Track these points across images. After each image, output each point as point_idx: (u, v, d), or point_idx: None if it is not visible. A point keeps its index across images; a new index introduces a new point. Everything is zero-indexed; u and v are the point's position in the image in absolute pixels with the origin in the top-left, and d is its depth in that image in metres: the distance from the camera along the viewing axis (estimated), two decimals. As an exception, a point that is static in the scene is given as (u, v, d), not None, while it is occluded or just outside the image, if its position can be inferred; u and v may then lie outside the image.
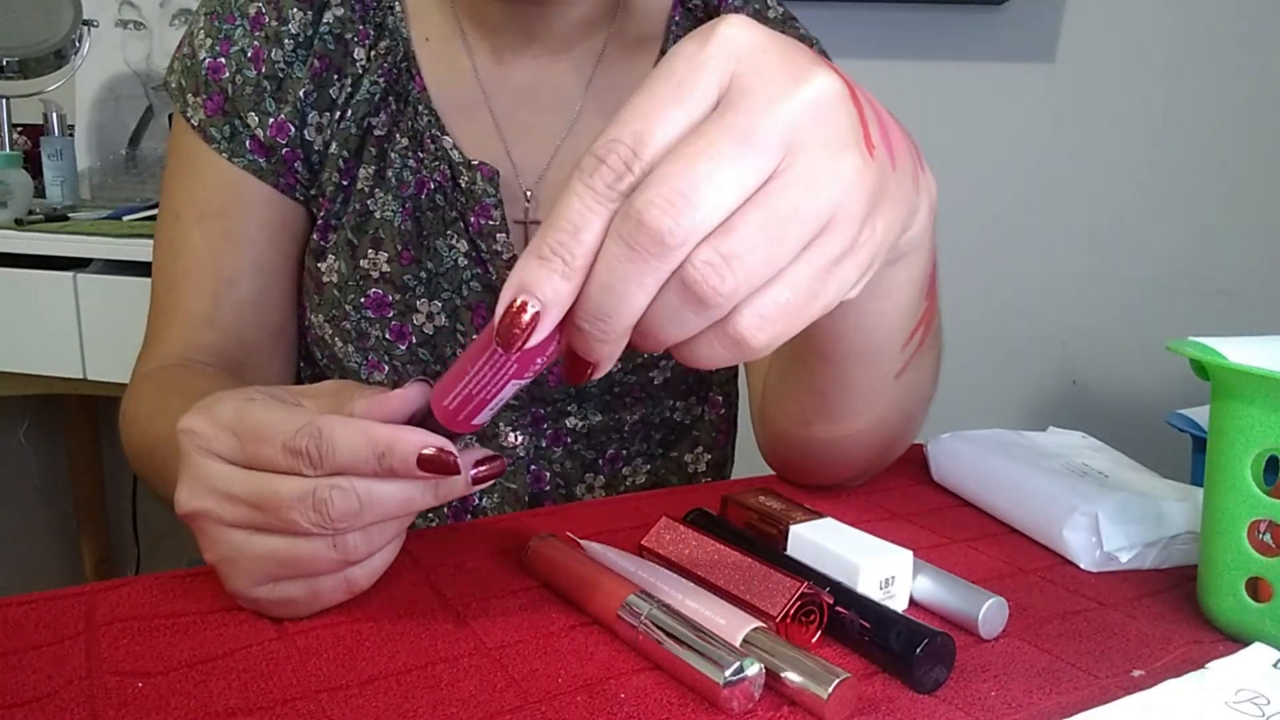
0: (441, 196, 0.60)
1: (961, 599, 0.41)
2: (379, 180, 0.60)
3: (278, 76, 0.59)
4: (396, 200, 0.60)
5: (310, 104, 0.59)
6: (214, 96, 0.59)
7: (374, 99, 0.60)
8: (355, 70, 0.60)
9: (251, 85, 0.58)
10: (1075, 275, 1.61)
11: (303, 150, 0.60)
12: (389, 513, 0.35)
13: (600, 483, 0.66)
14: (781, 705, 0.34)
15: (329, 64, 0.59)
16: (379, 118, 0.60)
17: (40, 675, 0.35)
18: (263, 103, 0.58)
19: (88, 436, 1.76)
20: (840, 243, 0.28)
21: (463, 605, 0.41)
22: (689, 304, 0.27)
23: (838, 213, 0.28)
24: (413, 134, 0.60)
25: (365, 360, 0.62)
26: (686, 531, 0.44)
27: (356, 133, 0.60)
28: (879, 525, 0.52)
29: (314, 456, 0.34)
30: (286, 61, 0.59)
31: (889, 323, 0.42)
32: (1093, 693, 0.36)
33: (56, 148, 1.41)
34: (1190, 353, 0.41)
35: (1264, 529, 0.40)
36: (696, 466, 0.70)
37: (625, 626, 0.37)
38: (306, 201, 0.62)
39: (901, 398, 0.48)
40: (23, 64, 1.43)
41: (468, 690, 0.35)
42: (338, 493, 0.34)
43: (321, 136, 0.60)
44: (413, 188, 0.60)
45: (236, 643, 0.37)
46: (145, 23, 1.52)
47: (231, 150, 0.59)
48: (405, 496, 0.35)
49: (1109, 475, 0.54)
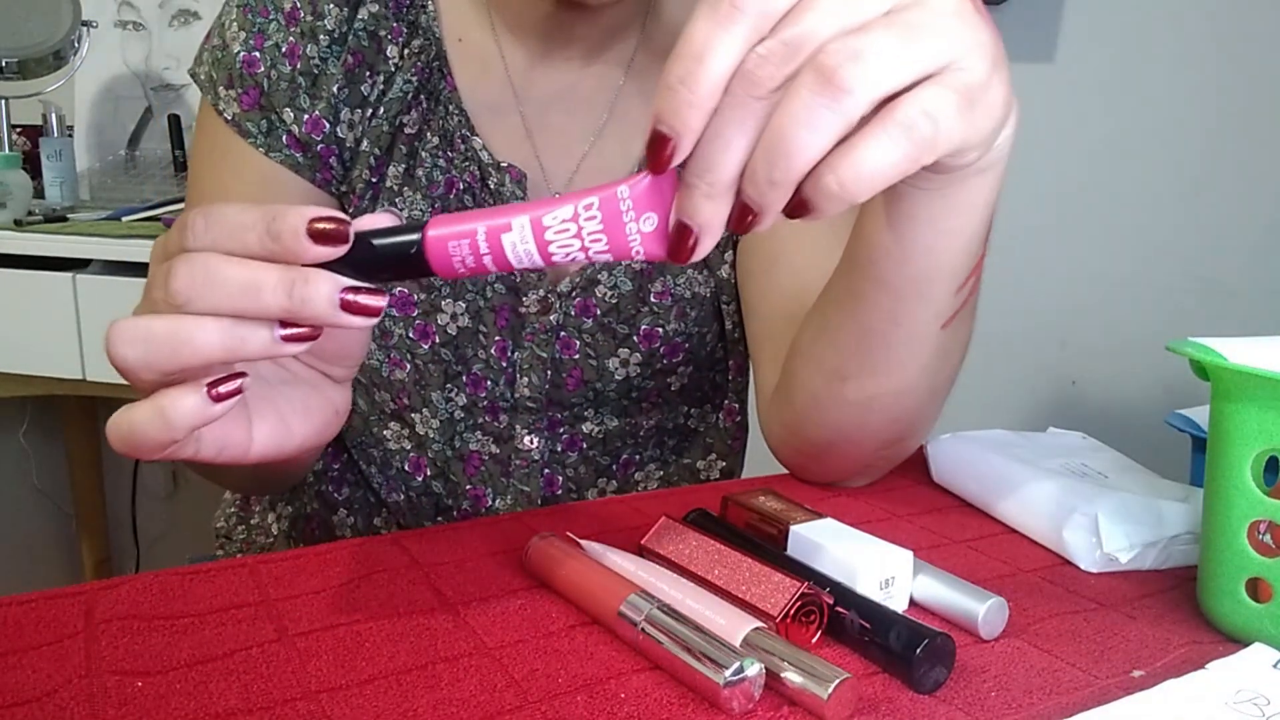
0: (470, 197, 0.60)
1: (961, 599, 0.41)
2: (408, 179, 0.60)
3: (313, 73, 0.58)
4: (425, 200, 0.60)
5: (343, 101, 0.59)
6: (250, 91, 0.58)
7: (406, 97, 0.60)
8: (388, 68, 0.60)
9: (287, 80, 0.58)
10: (1075, 275, 1.61)
11: (336, 146, 0.59)
12: (230, 293, 0.31)
13: (613, 488, 0.66)
14: (781, 705, 0.34)
15: (362, 60, 0.59)
16: (410, 116, 0.60)
17: (39, 674, 0.35)
18: (298, 98, 0.58)
19: (87, 437, 1.76)
20: (967, 77, 0.30)
21: (463, 605, 0.41)
22: (823, 94, 0.28)
23: (964, 53, 0.30)
24: (443, 133, 0.60)
25: (387, 358, 0.61)
26: (686, 531, 0.44)
27: (388, 130, 0.60)
28: (879, 525, 0.52)
29: (198, 228, 0.31)
30: (321, 58, 0.58)
31: (956, 248, 0.42)
32: (1092, 693, 0.36)
33: (55, 148, 1.41)
34: (1190, 353, 0.41)
35: (1264, 529, 0.40)
36: (709, 474, 0.70)
37: (625, 626, 0.37)
38: (339, 198, 0.61)
39: (937, 358, 0.48)
40: (22, 65, 1.43)
41: (468, 690, 0.35)
42: (182, 260, 0.31)
43: (353, 134, 0.59)
44: (442, 188, 0.60)
45: (236, 643, 0.37)
46: (144, 23, 1.52)
47: (269, 145, 0.58)
48: (252, 278, 0.31)
49: (1109, 476, 0.54)
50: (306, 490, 0.68)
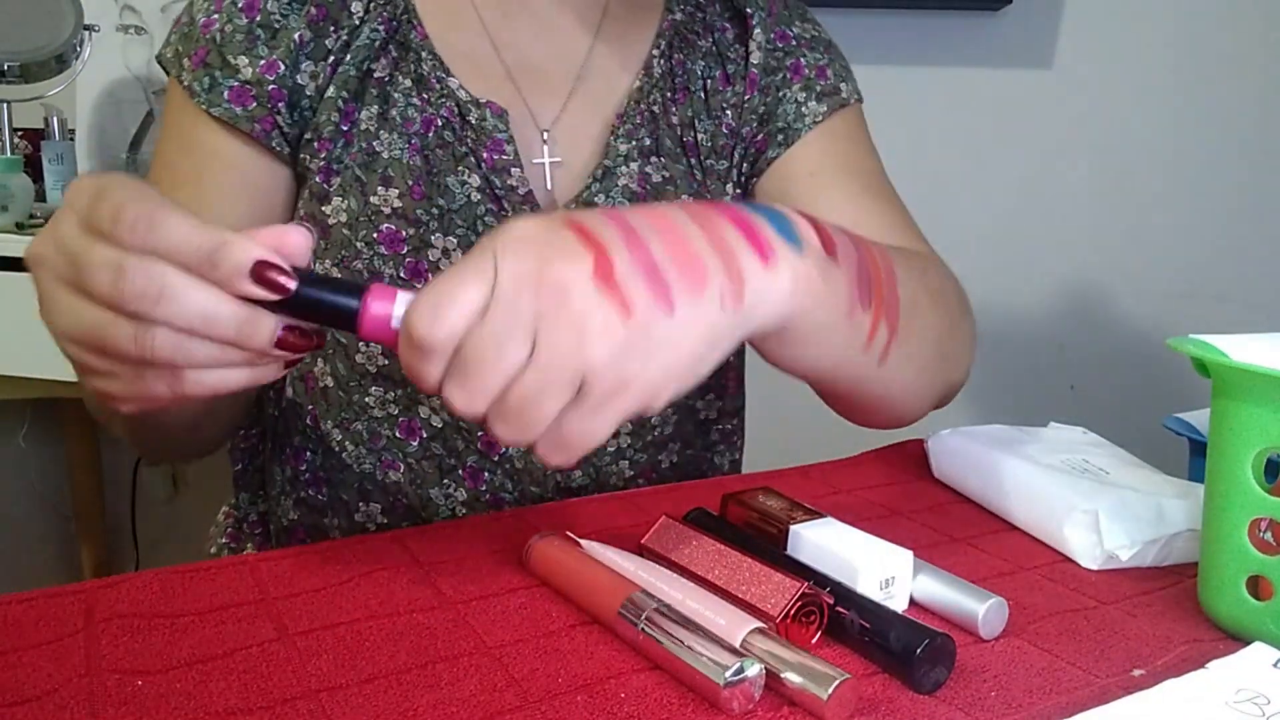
0: (450, 133, 0.60)
1: (962, 599, 0.41)
2: (383, 121, 0.60)
3: (272, 26, 0.58)
4: (403, 138, 0.59)
5: (306, 53, 0.59)
6: (199, 50, 0.58)
7: (374, 44, 0.60)
8: (352, 22, 0.59)
9: (243, 32, 0.58)
10: (1073, 280, 1.61)
11: (289, 93, 0.59)
12: (187, 317, 0.34)
13: (626, 429, 0.64)
14: (781, 706, 0.34)
15: (326, 14, 0.59)
16: (379, 62, 0.60)
17: (39, 673, 0.35)
18: (255, 48, 0.58)
19: (87, 440, 1.76)
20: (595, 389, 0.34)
21: (463, 604, 0.41)
22: None
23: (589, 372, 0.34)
24: (416, 77, 0.60)
25: (380, 461, 0.61)
26: (686, 531, 0.44)
27: (356, 75, 0.59)
28: (879, 522, 0.52)
29: (139, 229, 0.33)
30: (282, 13, 0.58)
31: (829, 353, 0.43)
32: (1093, 693, 0.36)
33: (57, 152, 1.41)
34: (1192, 351, 0.41)
35: (1265, 527, 0.40)
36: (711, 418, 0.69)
37: (625, 626, 0.37)
38: (292, 149, 0.60)
39: (905, 364, 0.48)
40: (24, 68, 1.43)
41: (468, 690, 0.35)
42: (140, 269, 0.33)
43: (315, 82, 0.59)
44: (419, 125, 0.60)
45: (236, 642, 0.37)
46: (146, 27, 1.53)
47: (210, 100, 0.58)
48: (210, 309, 0.34)
49: (1110, 472, 0.54)
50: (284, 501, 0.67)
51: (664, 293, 0.34)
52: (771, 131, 0.67)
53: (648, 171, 0.63)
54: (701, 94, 0.66)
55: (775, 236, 0.38)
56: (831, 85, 0.68)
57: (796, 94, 0.67)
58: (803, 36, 0.69)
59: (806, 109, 0.66)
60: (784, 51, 0.68)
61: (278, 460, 0.67)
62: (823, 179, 0.66)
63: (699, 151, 0.66)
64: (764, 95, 0.67)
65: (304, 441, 0.64)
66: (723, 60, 0.67)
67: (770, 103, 0.67)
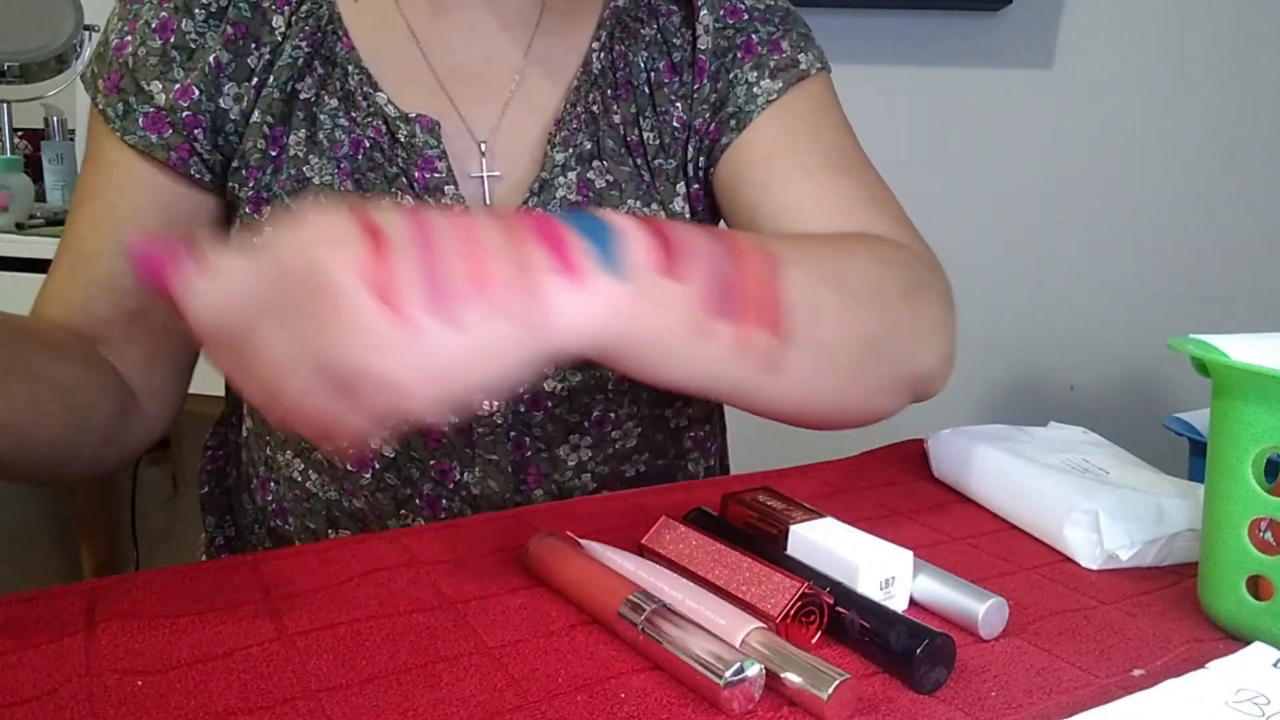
0: (380, 153, 0.58)
1: (961, 599, 0.41)
2: (311, 145, 0.58)
3: (188, 47, 0.56)
4: (332, 162, 0.57)
5: (228, 75, 0.57)
6: (113, 74, 0.57)
7: (297, 63, 0.58)
8: (274, 38, 0.58)
9: (156, 55, 0.56)
10: (1073, 280, 1.61)
11: (209, 119, 0.57)
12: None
13: (587, 443, 0.62)
14: (781, 706, 0.34)
15: (245, 31, 0.57)
16: (304, 82, 0.58)
17: (39, 673, 0.35)
18: (170, 71, 0.56)
19: (87, 441, 1.76)
20: None
21: (462, 604, 0.41)
22: None
23: None
24: (343, 94, 0.58)
25: (341, 489, 0.60)
26: (686, 531, 0.44)
27: (280, 98, 0.57)
28: (879, 522, 0.52)
29: None
30: (199, 32, 0.57)
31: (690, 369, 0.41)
32: (1093, 692, 0.36)
33: (57, 152, 1.42)
34: (1192, 351, 0.41)
35: (1265, 527, 0.40)
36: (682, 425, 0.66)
37: (625, 626, 0.37)
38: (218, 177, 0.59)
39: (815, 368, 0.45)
40: (24, 68, 1.44)
41: (468, 690, 0.35)
42: None
43: (239, 105, 0.57)
44: (347, 147, 0.58)
45: (236, 641, 0.37)
46: (146, 27, 1.52)
47: (124, 128, 0.56)
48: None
49: (1110, 471, 0.54)
50: (257, 530, 0.66)
51: (439, 298, 0.34)
52: (723, 118, 0.62)
53: (590, 178, 0.60)
54: (645, 88, 0.62)
55: (586, 255, 0.37)
56: (787, 59, 0.62)
57: (748, 74, 0.62)
58: (755, 9, 0.64)
59: (759, 88, 0.62)
60: (735, 29, 0.63)
61: (246, 490, 0.66)
62: (779, 161, 0.61)
63: (645, 151, 0.62)
64: (715, 81, 0.62)
65: (268, 473, 0.63)
66: (668, 49, 0.63)
67: (722, 88, 0.62)
